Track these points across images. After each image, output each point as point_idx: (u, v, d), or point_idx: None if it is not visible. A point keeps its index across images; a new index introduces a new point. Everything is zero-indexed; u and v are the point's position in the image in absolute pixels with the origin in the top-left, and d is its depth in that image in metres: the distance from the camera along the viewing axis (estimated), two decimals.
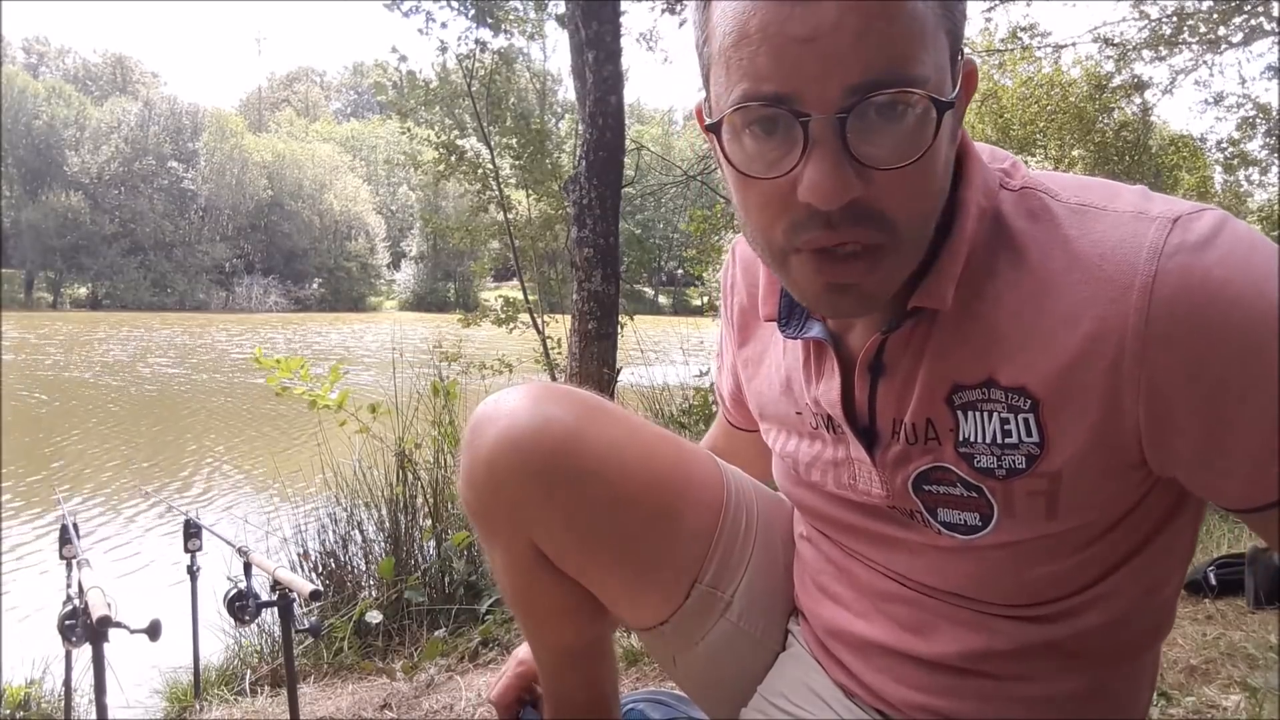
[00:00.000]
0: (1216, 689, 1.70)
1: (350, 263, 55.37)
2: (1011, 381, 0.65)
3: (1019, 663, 0.74)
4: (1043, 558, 0.70)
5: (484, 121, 7.37)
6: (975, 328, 0.67)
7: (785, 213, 0.61)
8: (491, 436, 0.81)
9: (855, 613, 0.83)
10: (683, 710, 1.12)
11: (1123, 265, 0.60)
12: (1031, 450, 0.66)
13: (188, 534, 2.10)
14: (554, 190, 7.18)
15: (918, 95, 0.57)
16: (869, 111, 0.57)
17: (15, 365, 16.64)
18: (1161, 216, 0.61)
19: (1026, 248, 0.65)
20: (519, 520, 0.83)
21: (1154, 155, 11.50)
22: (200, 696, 2.25)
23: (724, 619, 0.91)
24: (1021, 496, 0.67)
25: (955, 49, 0.61)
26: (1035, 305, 0.64)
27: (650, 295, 38.94)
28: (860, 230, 0.60)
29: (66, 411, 11.33)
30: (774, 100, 0.57)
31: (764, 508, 0.96)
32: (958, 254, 0.66)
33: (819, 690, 0.87)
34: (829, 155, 0.57)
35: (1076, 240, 0.63)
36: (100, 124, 52.40)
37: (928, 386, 0.69)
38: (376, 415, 2.97)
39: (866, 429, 0.75)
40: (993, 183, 0.68)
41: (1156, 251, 0.59)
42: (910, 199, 0.60)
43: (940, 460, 0.71)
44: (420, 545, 2.89)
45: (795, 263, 0.63)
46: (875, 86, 0.56)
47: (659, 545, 0.87)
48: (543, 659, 0.97)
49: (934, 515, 0.73)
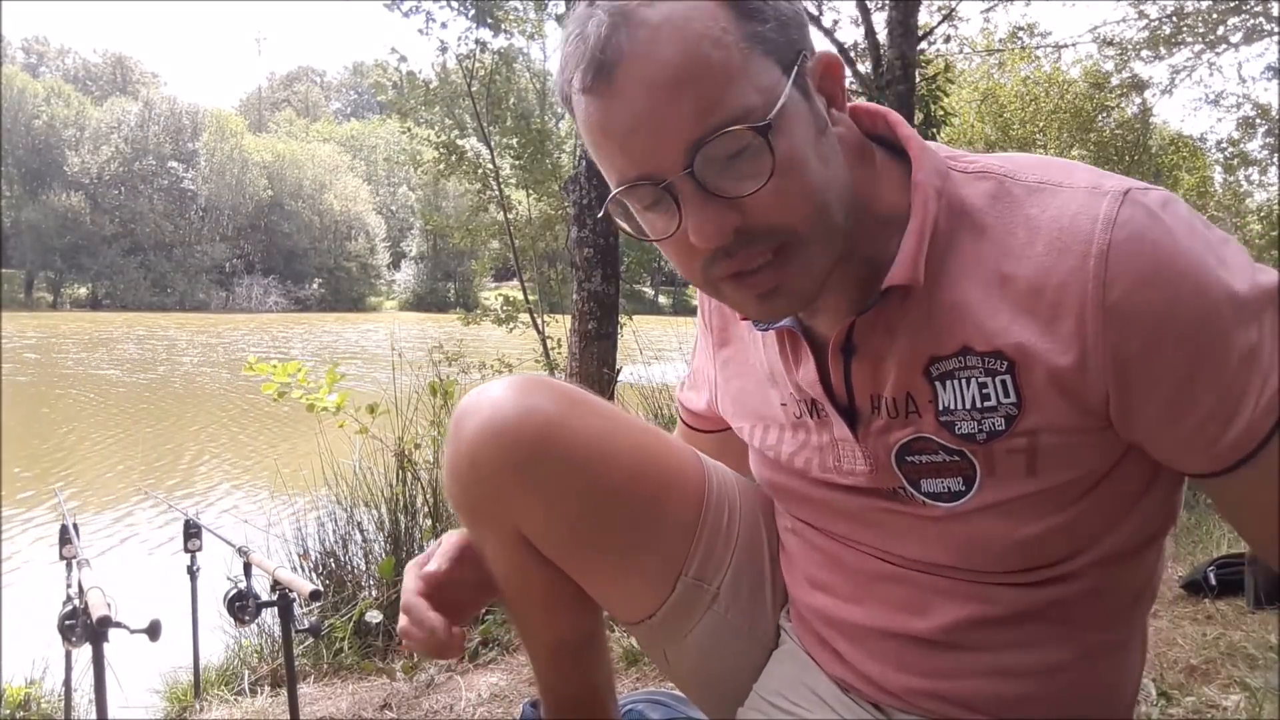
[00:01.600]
0: (1216, 689, 1.70)
1: (350, 263, 55.40)
2: (987, 346, 0.70)
3: (1012, 631, 0.76)
4: (1027, 518, 0.72)
5: (484, 121, 7.38)
6: (945, 302, 0.71)
7: (694, 257, 0.70)
8: (473, 427, 0.82)
9: (847, 599, 0.84)
10: (681, 711, 1.12)
11: (1079, 235, 0.65)
12: (1010, 411, 0.70)
13: (188, 534, 2.10)
14: (554, 190, 7.18)
15: (738, 130, 0.63)
16: (711, 157, 0.64)
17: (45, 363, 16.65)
18: (1114, 190, 0.66)
19: (989, 225, 0.70)
20: (503, 511, 0.84)
21: (1154, 155, 11.51)
22: (200, 696, 2.26)
23: (711, 611, 0.92)
24: (1002, 456, 0.71)
25: (786, 58, 0.66)
26: (1002, 277, 0.69)
27: (650, 295, 38.93)
28: (755, 250, 0.67)
29: (89, 406, 11.33)
30: (637, 181, 0.67)
31: (747, 501, 0.96)
32: (920, 233, 0.71)
33: (816, 688, 0.87)
34: (695, 204, 0.66)
35: (1036, 216, 0.68)
36: (100, 124, 52.45)
37: (904, 361, 0.73)
38: (376, 415, 2.97)
39: (847, 408, 0.78)
40: (940, 165, 0.73)
41: (1110, 222, 0.65)
42: (788, 207, 0.66)
43: (921, 431, 0.74)
44: (420, 545, 2.89)
45: (724, 288, 0.71)
46: (703, 140, 0.63)
47: (642, 536, 0.88)
48: (535, 654, 0.97)
49: (917, 488, 0.76)
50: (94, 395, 12.99)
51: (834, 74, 0.71)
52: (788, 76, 0.66)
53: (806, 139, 0.67)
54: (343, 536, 2.96)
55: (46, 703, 2.45)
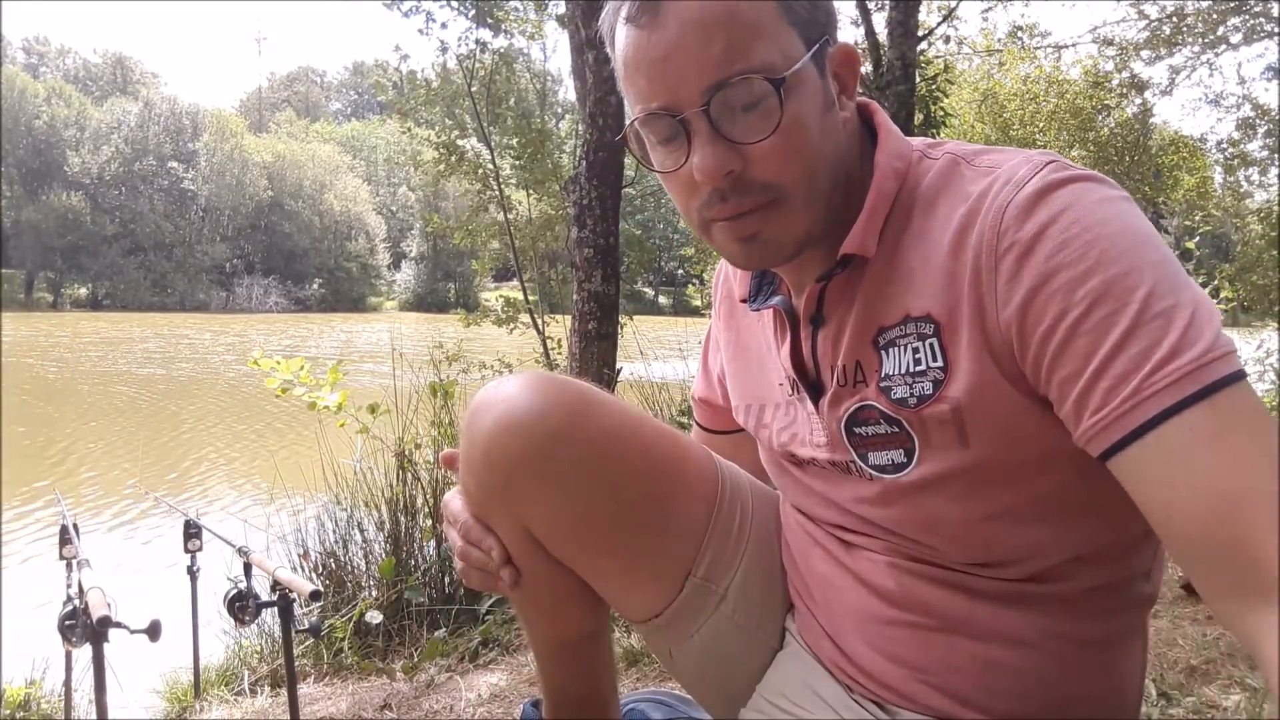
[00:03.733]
0: (1216, 689, 1.70)
1: (350, 263, 55.37)
2: (919, 311, 0.73)
3: (998, 624, 0.77)
4: (972, 496, 0.73)
5: (484, 121, 7.38)
6: (894, 272, 0.76)
7: (694, 194, 0.75)
8: (489, 422, 0.83)
9: (843, 591, 0.85)
10: (683, 710, 1.12)
11: (990, 195, 0.70)
12: (937, 375, 0.72)
13: (188, 534, 2.10)
14: (554, 190, 7.18)
15: (757, 79, 0.70)
16: (728, 101, 0.70)
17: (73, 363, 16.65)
18: (1038, 160, 0.70)
19: (936, 201, 0.75)
20: (514, 505, 0.85)
21: (1154, 155, 11.50)
22: (200, 696, 2.26)
23: (718, 612, 0.92)
24: (934, 425, 0.73)
25: (811, 36, 0.73)
26: (937, 244, 0.73)
27: (650, 295, 38.93)
28: (747, 199, 0.73)
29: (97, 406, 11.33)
30: (657, 110, 0.72)
31: (759, 504, 0.97)
32: (876, 207, 0.76)
33: (819, 690, 0.87)
34: (704, 141, 0.72)
35: (972, 190, 0.72)
36: (100, 124, 52.43)
37: (856, 331, 0.78)
38: (376, 415, 2.97)
39: (815, 382, 0.83)
40: (905, 149, 0.79)
41: (1019, 182, 0.68)
42: (786, 163, 0.72)
43: (865, 399, 0.78)
44: (420, 545, 2.89)
45: (715, 230, 0.77)
46: (724, 81, 0.70)
47: (653, 535, 0.88)
48: (540, 651, 0.97)
49: (865, 460, 0.79)
50: (93, 396, 12.99)
51: (850, 64, 0.77)
52: (808, 50, 0.72)
53: (813, 109, 0.73)
54: (343, 536, 2.96)
55: (46, 703, 2.45)
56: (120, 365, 17.85)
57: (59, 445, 8.91)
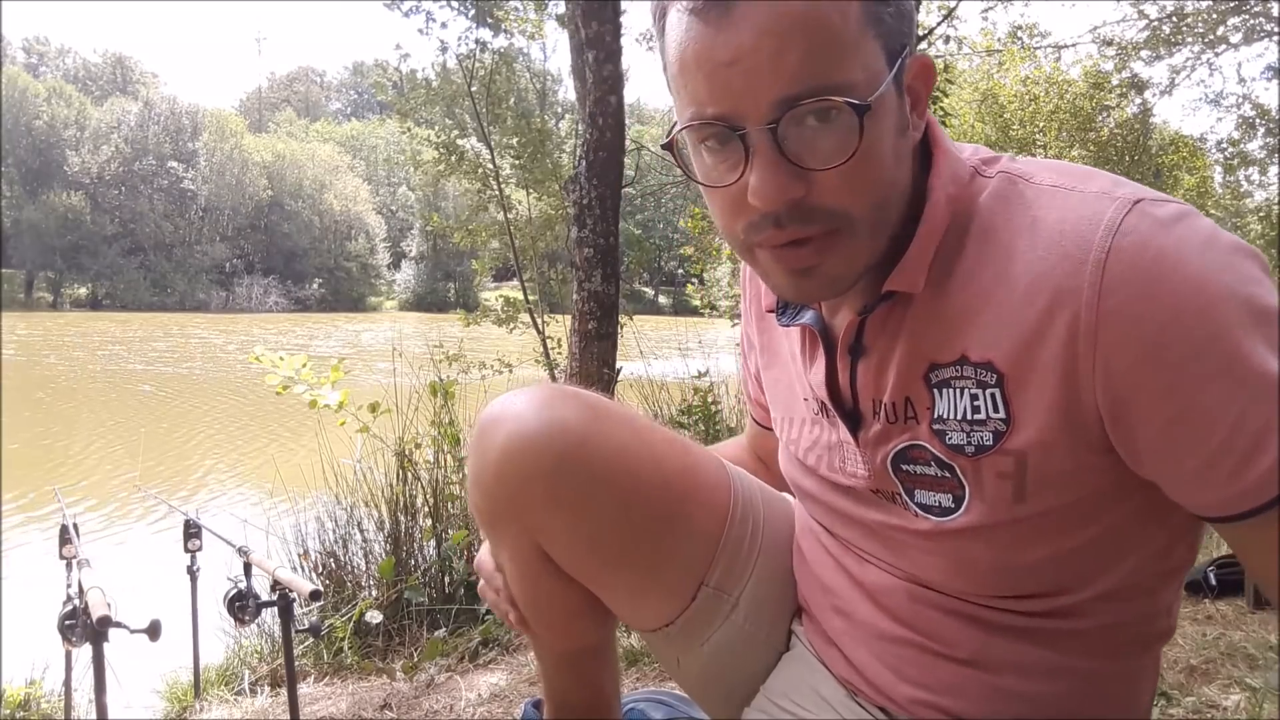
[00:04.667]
0: (1216, 689, 1.70)
1: (350, 263, 55.35)
2: (980, 357, 0.67)
3: (1013, 656, 0.75)
4: (1016, 547, 0.70)
5: (484, 121, 7.37)
6: (949, 307, 0.69)
7: (742, 215, 0.67)
8: (500, 440, 0.81)
9: (854, 606, 0.83)
10: (684, 710, 1.12)
11: (1080, 240, 0.62)
12: (998, 426, 0.67)
13: (188, 534, 2.10)
14: (554, 190, 7.18)
15: (836, 102, 0.61)
16: (798, 120, 0.62)
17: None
18: (1125, 197, 0.63)
19: (996, 229, 0.68)
20: (527, 523, 0.83)
21: (1153, 155, 11.50)
22: (200, 696, 2.25)
23: (729, 621, 0.91)
24: (990, 478, 0.68)
25: (894, 48, 0.65)
26: (1002, 281, 0.66)
27: (650, 295, 38.92)
28: (808, 227, 0.65)
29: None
30: (715, 119, 0.64)
31: (771, 510, 0.96)
32: (926, 239, 0.69)
33: (822, 691, 0.87)
34: (766, 162, 0.63)
35: (1042, 219, 0.65)
36: (100, 124, 52.39)
37: (905, 366, 0.72)
38: (377, 415, 2.97)
39: (851, 411, 0.78)
40: (961, 171, 0.71)
41: (1113, 228, 0.61)
42: (854, 193, 0.65)
43: (916, 438, 0.72)
44: (420, 545, 2.89)
45: (760, 255, 0.69)
46: (797, 99, 0.61)
47: (665, 548, 0.87)
48: (545, 660, 0.97)
49: (911, 496, 0.74)
50: (97, 394, 12.98)
51: (927, 78, 0.70)
52: (890, 67, 0.65)
53: (889, 133, 0.66)
54: (343, 536, 2.95)
55: (46, 703, 2.44)
56: (131, 365, 17.85)
57: (78, 445, 8.90)
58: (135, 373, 16.38)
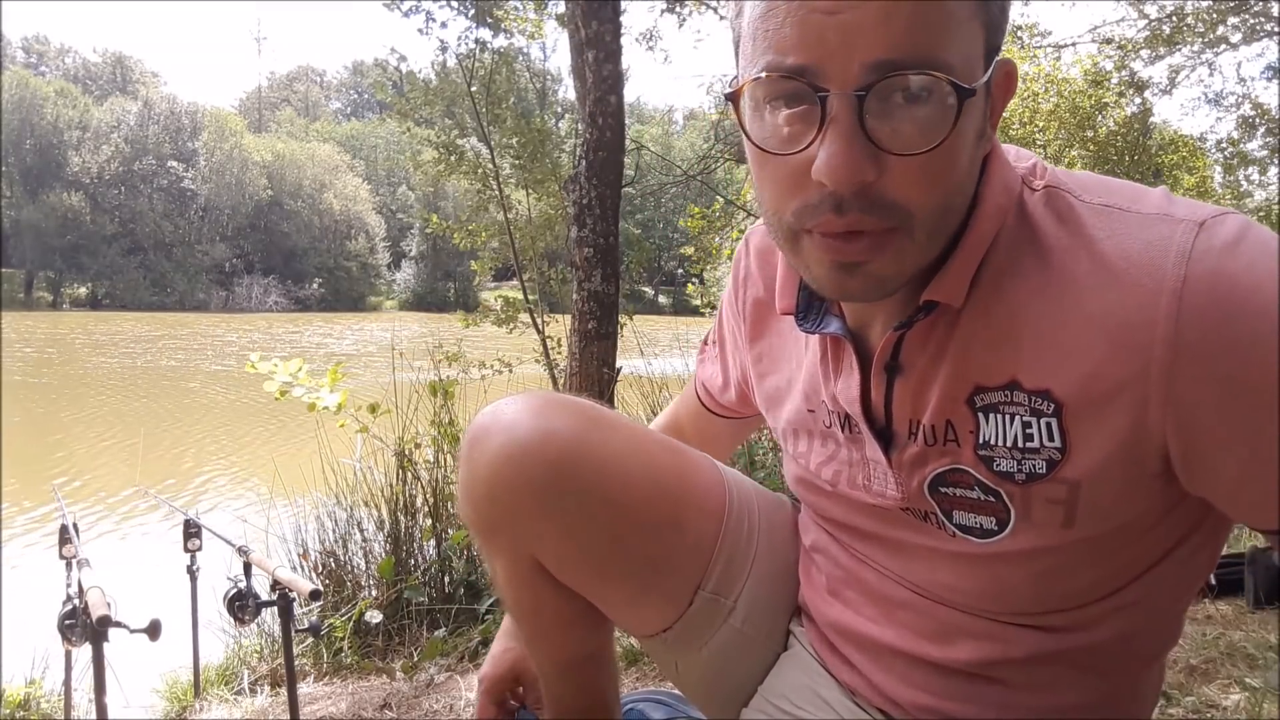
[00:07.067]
0: (1216, 689, 1.70)
1: (350, 262, 55.31)
2: (1035, 385, 0.64)
3: (1031, 672, 0.74)
4: (1060, 569, 0.68)
5: (484, 121, 7.37)
6: (998, 328, 0.65)
7: (798, 193, 0.61)
8: (491, 451, 0.80)
9: (866, 616, 0.82)
10: (683, 710, 1.12)
11: (1150, 269, 0.59)
12: (1053, 455, 0.64)
13: (187, 534, 2.10)
14: (554, 190, 7.17)
15: (939, 79, 0.56)
16: (889, 92, 0.56)
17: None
18: (1187, 220, 0.59)
19: (1051, 249, 0.64)
20: (519, 535, 0.82)
21: (1153, 155, 11.50)
22: (200, 696, 2.25)
23: (727, 624, 0.90)
24: (1040, 503, 0.66)
25: (993, 44, 0.60)
26: (1060, 307, 0.62)
27: (650, 295, 38.90)
28: (869, 219, 0.59)
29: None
30: (794, 72, 0.57)
31: (766, 511, 0.95)
32: (972, 251, 0.65)
33: (822, 692, 0.86)
34: (844, 134, 0.56)
35: (1101, 242, 0.62)
36: (100, 124, 52.36)
37: (948, 387, 0.68)
38: (377, 415, 2.97)
39: (883, 429, 0.74)
40: (1013, 181, 0.67)
41: (1185, 255, 0.58)
42: (926, 189, 0.59)
43: (959, 462, 0.69)
44: (420, 545, 2.89)
45: (806, 242, 0.63)
46: (896, 66, 0.55)
47: (662, 555, 0.86)
48: (544, 667, 0.96)
49: (949, 517, 0.71)
50: (95, 395, 12.98)
51: (1008, 86, 0.65)
52: (987, 62, 0.60)
53: (972, 134, 0.61)
54: (343, 536, 2.95)
55: (46, 703, 2.44)
56: (166, 361, 17.87)
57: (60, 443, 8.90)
58: (172, 369, 16.43)
